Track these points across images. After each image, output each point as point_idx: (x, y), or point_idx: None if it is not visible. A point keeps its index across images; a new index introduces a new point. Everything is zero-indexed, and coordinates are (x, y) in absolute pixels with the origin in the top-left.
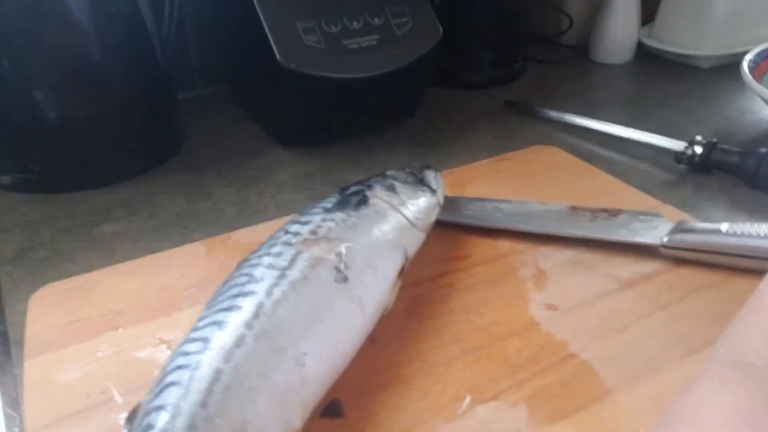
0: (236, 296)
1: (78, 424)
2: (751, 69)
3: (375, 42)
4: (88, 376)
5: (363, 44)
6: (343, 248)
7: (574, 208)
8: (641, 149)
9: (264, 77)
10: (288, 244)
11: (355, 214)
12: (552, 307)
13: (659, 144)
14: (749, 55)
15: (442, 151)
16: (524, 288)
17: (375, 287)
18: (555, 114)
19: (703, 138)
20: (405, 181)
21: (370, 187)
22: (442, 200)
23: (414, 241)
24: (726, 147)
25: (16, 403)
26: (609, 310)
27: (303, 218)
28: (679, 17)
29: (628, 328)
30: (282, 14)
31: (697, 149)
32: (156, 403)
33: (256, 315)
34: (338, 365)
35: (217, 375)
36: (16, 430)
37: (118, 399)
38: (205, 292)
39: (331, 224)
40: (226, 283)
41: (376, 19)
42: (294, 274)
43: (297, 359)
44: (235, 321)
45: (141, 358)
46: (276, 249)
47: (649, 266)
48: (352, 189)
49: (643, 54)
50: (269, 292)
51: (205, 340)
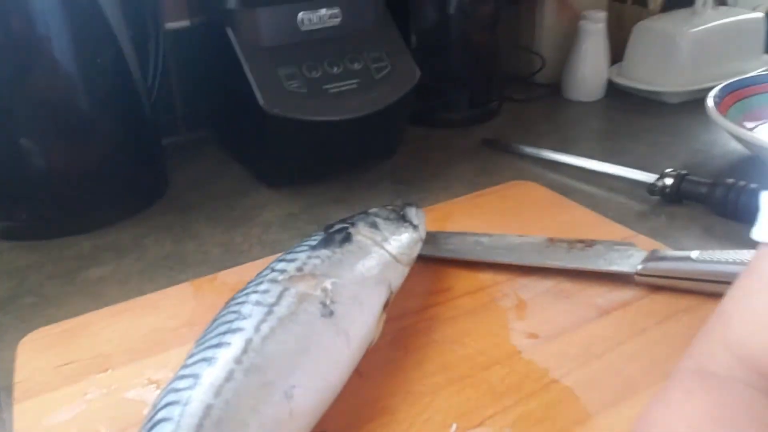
0: (225, 333)
1: None
2: (717, 104)
3: (355, 86)
4: (77, 418)
5: (343, 88)
6: (328, 284)
7: (551, 240)
8: (615, 182)
9: (248, 122)
10: (275, 281)
11: (339, 250)
12: (533, 336)
13: (632, 177)
14: (714, 91)
15: (422, 188)
16: (506, 318)
17: (361, 321)
18: (531, 150)
19: (673, 170)
20: (387, 218)
21: (353, 224)
22: (424, 235)
23: (398, 276)
24: (695, 178)
25: None
26: (588, 337)
27: (289, 256)
28: (646, 56)
29: (607, 354)
30: (264, 61)
31: (668, 181)
32: None
33: (245, 350)
34: (326, 398)
35: (207, 410)
36: None
37: None
38: (193, 332)
39: (317, 261)
40: (214, 321)
41: (356, 64)
42: (281, 310)
43: (286, 392)
44: (225, 357)
45: (130, 399)
46: (263, 286)
47: (626, 294)
48: (336, 227)
49: (614, 91)
50: (257, 328)
51: (195, 376)
